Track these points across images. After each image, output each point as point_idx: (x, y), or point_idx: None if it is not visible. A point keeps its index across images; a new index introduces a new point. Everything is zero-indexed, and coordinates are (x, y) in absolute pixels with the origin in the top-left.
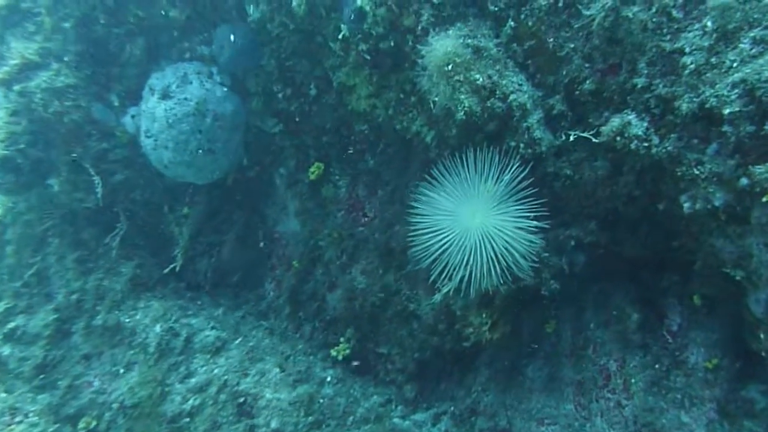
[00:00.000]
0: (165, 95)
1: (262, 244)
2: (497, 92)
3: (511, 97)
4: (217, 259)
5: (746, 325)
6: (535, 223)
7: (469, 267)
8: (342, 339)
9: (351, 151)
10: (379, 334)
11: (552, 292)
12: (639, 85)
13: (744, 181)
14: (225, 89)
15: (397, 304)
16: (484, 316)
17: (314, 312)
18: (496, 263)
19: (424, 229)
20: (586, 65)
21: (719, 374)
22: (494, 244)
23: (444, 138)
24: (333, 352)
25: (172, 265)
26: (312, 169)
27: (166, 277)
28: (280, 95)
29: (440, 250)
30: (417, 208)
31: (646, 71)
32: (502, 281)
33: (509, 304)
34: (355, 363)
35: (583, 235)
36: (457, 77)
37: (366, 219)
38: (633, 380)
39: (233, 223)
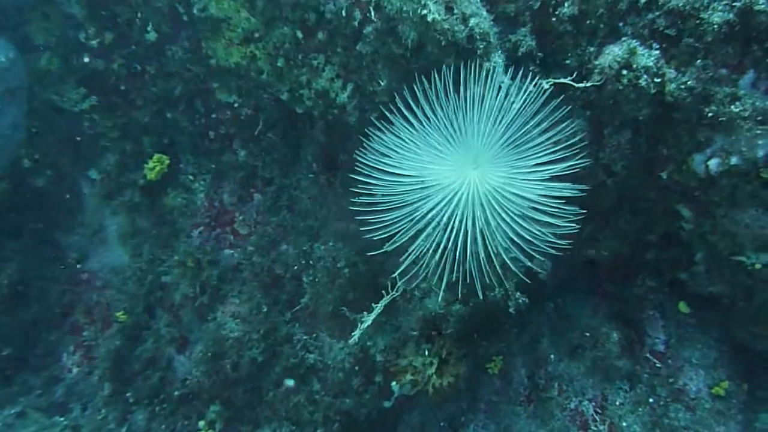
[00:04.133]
0: None
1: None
2: (455, 10)
3: (472, 21)
4: None
5: (761, 331)
6: (579, 162)
7: (463, 248)
8: (202, 423)
9: (212, 137)
10: (260, 407)
11: (518, 311)
12: (642, 0)
13: None
14: None
15: (288, 357)
16: (427, 353)
17: (154, 388)
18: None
19: (383, 199)
20: None
21: (731, 402)
22: (510, 204)
23: (368, 95)
24: None
25: None
26: (150, 165)
27: None
28: (93, 44)
29: (414, 224)
30: (368, 168)
31: None
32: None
33: (463, 333)
34: None
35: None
36: None
37: (237, 237)
38: (624, 423)
39: (4, 261)
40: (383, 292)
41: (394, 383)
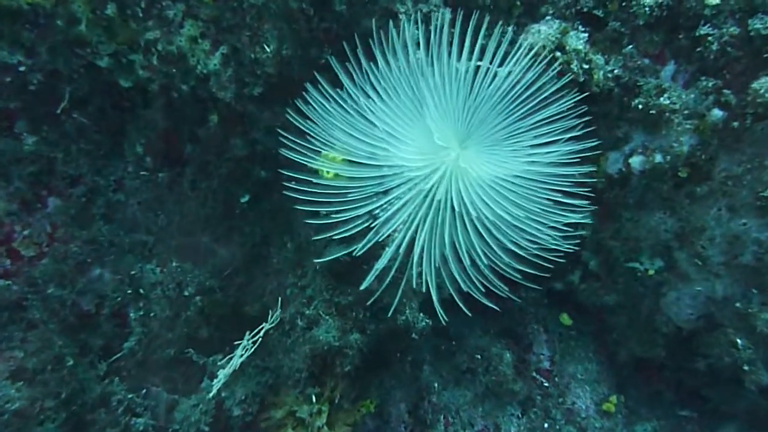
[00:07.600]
0: None
1: None
2: None
3: None
4: None
5: (649, 339)
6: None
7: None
8: None
9: None
10: None
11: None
12: None
13: (716, 113)
14: None
15: (104, 426)
16: (315, 399)
17: None
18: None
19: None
20: None
21: (617, 419)
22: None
23: (248, 63)
24: None
25: None
26: None
27: None
28: None
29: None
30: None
31: None
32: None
33: (360, 369)
34: None
35: None
36: None
37: (18, 261)
38: None
39: None
40: (264, 324)
41: None
